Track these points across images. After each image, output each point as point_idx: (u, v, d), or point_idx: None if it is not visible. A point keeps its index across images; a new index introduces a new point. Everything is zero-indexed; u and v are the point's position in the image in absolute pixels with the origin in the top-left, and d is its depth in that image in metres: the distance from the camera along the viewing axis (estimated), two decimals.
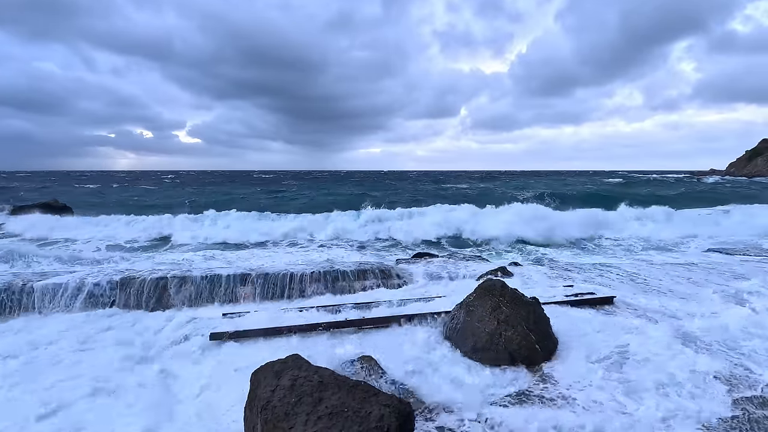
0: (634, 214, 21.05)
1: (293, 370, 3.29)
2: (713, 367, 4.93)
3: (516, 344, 5.38)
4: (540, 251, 14.94)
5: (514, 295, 5.85)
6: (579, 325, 6.46)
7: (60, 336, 6.33)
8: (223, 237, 17.80)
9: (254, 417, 3.24)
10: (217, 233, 18.16)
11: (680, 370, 4.86)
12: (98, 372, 5.22)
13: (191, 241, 17.42)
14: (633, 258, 12.97)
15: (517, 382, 4.87)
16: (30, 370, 5.29)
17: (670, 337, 5.82)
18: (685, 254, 13.19)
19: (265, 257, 13.53)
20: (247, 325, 6.43)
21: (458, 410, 4.21)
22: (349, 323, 6.58)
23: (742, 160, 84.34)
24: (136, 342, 6.18)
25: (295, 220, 20.38)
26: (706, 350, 5.48)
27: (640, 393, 4.49)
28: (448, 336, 6.06)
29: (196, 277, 8.09)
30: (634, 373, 4.91)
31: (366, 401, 3.07)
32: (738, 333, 5.96)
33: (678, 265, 10.58)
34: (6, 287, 7.54)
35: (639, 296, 7.99)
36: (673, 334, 5.94)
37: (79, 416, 4.29)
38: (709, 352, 5.44)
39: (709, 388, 4.54)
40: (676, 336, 5.87)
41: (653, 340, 5.69)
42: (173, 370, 5.40)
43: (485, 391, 4.63)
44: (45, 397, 4.59)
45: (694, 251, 13.82)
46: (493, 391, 4.67)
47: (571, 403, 4.37)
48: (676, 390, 4.49)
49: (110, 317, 7.21)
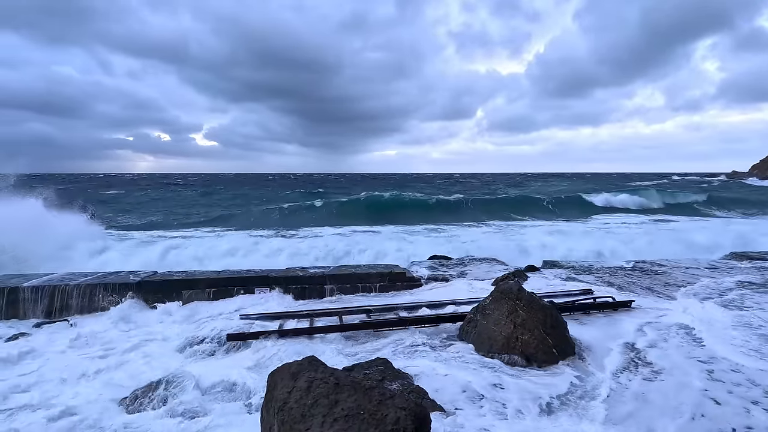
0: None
1: (309, 371, 3.30)
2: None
3: (533, 348, 5.34)
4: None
5: (530, 299, 5.79)
6: (597, 330, 6.39)
7: None
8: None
9: (271, 418, 3.26)
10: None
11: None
12: None
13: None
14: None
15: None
16: None
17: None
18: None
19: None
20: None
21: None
22: (364, 325, 6.59)
23: (766, 161, 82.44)
24: None
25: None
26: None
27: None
28: (464, 339, 6.04)
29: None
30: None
31: (382, 404, 3.06)
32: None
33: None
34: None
35: (661, 300, 7.86)
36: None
37: None
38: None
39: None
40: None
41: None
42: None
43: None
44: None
45: None
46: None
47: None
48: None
49: None
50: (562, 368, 5.21)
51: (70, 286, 7.75)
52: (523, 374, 5.03)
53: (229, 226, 22.75)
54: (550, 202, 30.93)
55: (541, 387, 4.72)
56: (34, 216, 12.68)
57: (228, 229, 20.98)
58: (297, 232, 19.17)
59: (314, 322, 6.73)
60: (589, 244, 14.75)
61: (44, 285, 7.69)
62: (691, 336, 6.07)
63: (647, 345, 5.80)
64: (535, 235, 17.34)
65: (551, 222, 23.78)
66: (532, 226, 21.51)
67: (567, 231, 18.78)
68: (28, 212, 12.75)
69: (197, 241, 15.17)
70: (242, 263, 11.64)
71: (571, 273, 9.96)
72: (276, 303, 8.02)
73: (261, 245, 14.31)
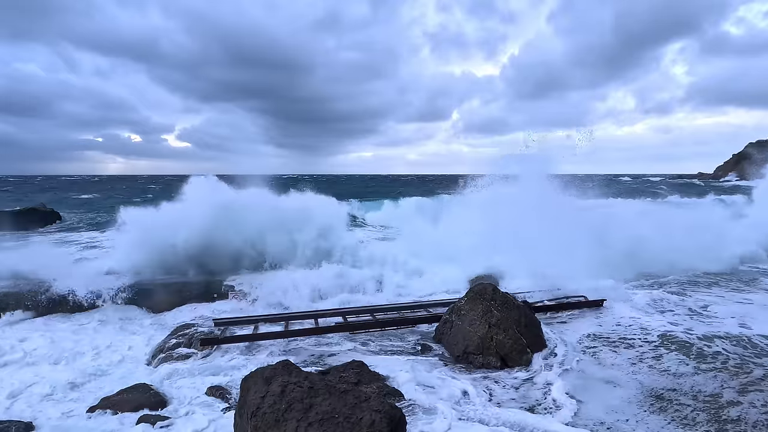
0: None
1: (283, 375, 3.26)
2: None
3: (508, 348, 5.39)
4: None
5: (505, 299, 5.85)
6: (568, 327, 6.51)
7: None
8: None
9: (244, 423, 3.20)
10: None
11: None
12: None
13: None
14: None
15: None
16: None
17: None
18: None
19: None
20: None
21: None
22: (337, 328, 6.54)
23: (729, 163, 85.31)
24: None
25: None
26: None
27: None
28: (440, 340, 6.06)
29: None
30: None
31: (357, 407, 3.04)
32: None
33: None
34: None
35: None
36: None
37: None
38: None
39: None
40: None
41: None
42: None
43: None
44: None
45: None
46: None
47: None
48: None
49: None
50: (534, 367, 5.29)
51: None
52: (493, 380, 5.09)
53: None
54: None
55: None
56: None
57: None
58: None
59: (289, 326, 6.66)
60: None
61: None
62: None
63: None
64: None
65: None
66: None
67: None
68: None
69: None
70: None
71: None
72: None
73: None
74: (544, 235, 9.31)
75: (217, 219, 9.80)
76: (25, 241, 14.03)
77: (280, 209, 10.95)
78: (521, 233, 9.72)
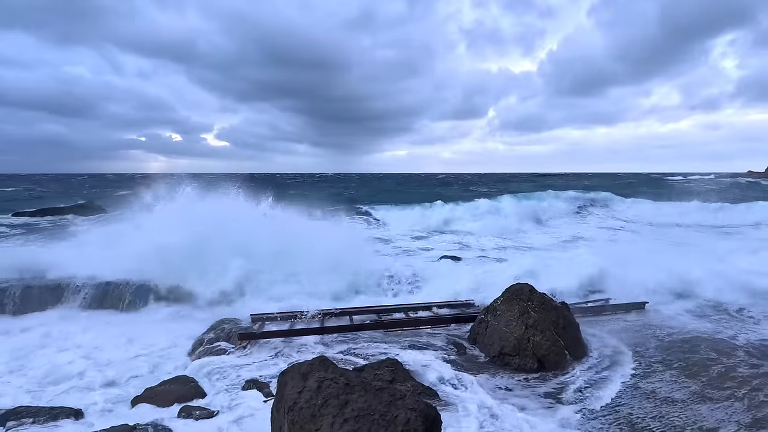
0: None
1: (320, 371, 3.28)
2: None
3: (545, 349, 5.27)
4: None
5: (542, 300, 5.73)
6: (608, 329, 6.31)
7: None
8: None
9: (281, 417, 3.25)
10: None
11: None
12: None
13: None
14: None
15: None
16: None
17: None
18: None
19: None
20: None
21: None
22: (373, 325, 6.56)
23: None
24: None
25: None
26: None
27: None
28: (475, 340, 5.99)
29: None
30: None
31: (392, 405, 3.04)
32: None
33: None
34: None
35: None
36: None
37: None
38: None
39: None
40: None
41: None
42: None
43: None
44: None
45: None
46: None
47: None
48: None
49: None
50: (572, 372, 5.16)
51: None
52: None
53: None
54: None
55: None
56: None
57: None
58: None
59: (325, 322, 6.73)
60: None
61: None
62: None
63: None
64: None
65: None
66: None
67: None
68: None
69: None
70: None
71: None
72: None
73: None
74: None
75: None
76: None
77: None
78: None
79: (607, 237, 16.67)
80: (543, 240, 15.79)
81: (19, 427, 4.15)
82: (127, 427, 3.93)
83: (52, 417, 4.27)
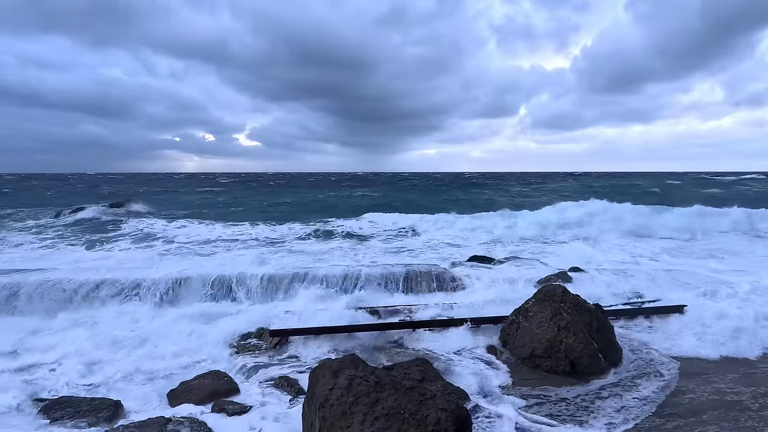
0: None
1: (350, 369, 3.31)
2: None
3: (578, 352, 5.16)
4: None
5: (575, 301, 5.62)
6: (644, 333, 6.14)
7: None
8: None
9: (312, 414, 3.29)
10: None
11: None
12: None
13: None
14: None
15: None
16: None
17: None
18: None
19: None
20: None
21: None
22: (402, 324, 6.56)
23: None
24: None
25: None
26: None
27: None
28: (505, 341, 5.92)
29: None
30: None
31: (423, 404, 3.04)
32: None
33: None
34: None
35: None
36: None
37: None
38: None
39: None
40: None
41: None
42: None
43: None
44: None
45: None
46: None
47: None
48: None
49: None
50: (606, 376, 5.03)
51: None
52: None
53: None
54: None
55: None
56: None
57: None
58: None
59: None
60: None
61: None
62: None
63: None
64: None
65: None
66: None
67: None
68: None
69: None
70: None
71: (618, 276, 9.56)
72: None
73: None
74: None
75: None
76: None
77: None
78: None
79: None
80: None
81: (61, 419, 4.33)
82: (163, 420, 4.05)
83: (93, 408, 4.43)
